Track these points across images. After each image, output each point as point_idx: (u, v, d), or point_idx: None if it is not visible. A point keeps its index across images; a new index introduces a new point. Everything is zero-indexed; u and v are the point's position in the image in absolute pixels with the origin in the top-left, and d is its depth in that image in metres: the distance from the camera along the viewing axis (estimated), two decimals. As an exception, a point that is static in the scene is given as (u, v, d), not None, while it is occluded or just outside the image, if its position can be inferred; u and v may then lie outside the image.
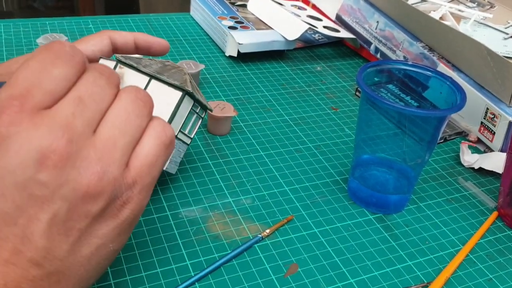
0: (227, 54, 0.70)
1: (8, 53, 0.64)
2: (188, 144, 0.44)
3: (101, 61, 0.41)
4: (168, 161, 0.41)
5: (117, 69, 0.40)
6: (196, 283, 0.37)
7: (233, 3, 0.79)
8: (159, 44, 0.46)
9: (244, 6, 0.79)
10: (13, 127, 0.24)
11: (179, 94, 0.39)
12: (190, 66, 0.60)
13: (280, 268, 0.39)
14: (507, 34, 0.71)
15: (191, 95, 0.40)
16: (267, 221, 0.43)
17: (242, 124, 0.56)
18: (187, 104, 0.40)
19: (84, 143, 0.25)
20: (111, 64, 0.40)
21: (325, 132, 0.56)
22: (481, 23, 0.73)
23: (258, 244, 0.41)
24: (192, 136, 0.44)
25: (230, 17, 0.74)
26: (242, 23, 0.72)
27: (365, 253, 0.41)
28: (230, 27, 0.70)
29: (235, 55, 0.68)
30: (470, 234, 0.44)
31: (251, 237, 0.41)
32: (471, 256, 0.42)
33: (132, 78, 0.39)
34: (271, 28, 0.72)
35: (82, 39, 0.43)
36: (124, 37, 0.44)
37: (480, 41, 0.56)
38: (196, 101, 0.41)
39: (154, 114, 0.38)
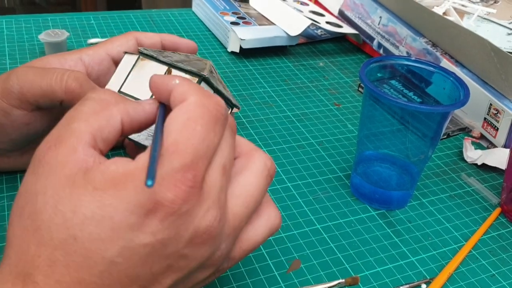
0: (229, 50, 0.69)
1: (10, 49, 0.64)
2: None
3: (126, 55, 0.41)
4: None
5: (139, 61, 0.39)
6: (199, 279, 0.37)
7: (235, -1, 0.79)
8: (187, 45, 0.45)
9: (246, 1, 0.79)
10: (185, 206, 0.23)
11: (195, 80, 0.38)
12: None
13: (282, 264, 0.39)
14: (511, 29, 0.70)
15: (207, 81, 0.39)
16: (270, 217, 0.43)
17: (244, 120, 0.56)
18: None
19: (224, 219, 0.26)
20: (134, 57, 0.40)
21: (328, 128, 0.56)
22: (484, 18, 0.73)
23: (260, 240, 0.41)
24: None
25: (232, 13, 0.74)
26: (244, 18, 0.72)
27: (368, 249, 0.41)
28: (232, 23, 0.70)
29: (237, 50, 0.68)
30: (473, 230, 0.44)
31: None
32: (474, 252, 0.42)
33: (152, 69, 0.39)
34: (273, 23, 0.72)
35: (108, 40, 0.43)
36: (151, 38, 0.44)
37: (484, 36, 0.55)
38: (216, 91, 0.40)
39: None
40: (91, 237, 0.23)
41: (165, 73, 0.38)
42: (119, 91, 0.40)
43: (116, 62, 0.43)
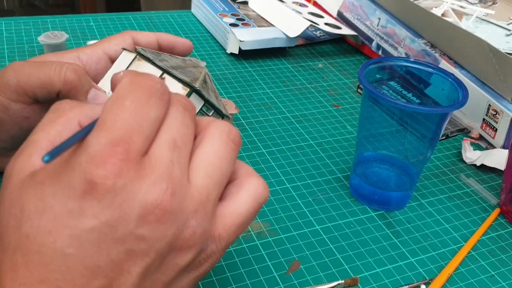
0: (228, 52, 0.70)
1: (9, 51, 0.64)
2: None
3: (124, 52, 0.41)
4: None
5: (135, 61, 0.39)
6: (199, 282, 0.37)
7: (234, 0, 0.79)
8: (183, 44, 0.45)
9: (245, 3, 0.79)
10: (119, 179, 0.22)
11: (186, 90, 0.38)
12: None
13: (282, 265, 0.39)
14: (509, 30, 0.70)
15: (199, 93, 0.39)
16: (269, 218, 0.43)
17: (243, 121, 0.56)
18: (195, 103, 0.40)
19: (183, 194, 0.24)
20: (132, 55, 0.40)
21: (327, 129, 0.56)
22: (483, 19, 0.73)
23: (260, 242, 0.41)
24: None
25: (231, 14, 0.74)
26: (244, 20, 0.72)
27: (367, 250, 0.41)
28: (232, 24, 0.70)
29: (237, 52, 0.68)
30: (472, 231, 0.44)
31: (253, 234, 0.41)
32: (473, 253, 0.42)
33: (146, 70, 0.39)
34: (272, 25, 0.72)
35: (105, 39, 0.43)
36: (147, 37, 0.44)
37: (482, 37, 0.56)
38: (207, 102, 0.40)
39: None
40: (39, 231, 0.22)
41: (159, 77, 0.38)
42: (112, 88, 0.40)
43: (113, 61, 0.43)
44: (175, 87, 0.39)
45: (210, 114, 0.41)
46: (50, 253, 0.22)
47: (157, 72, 0.39)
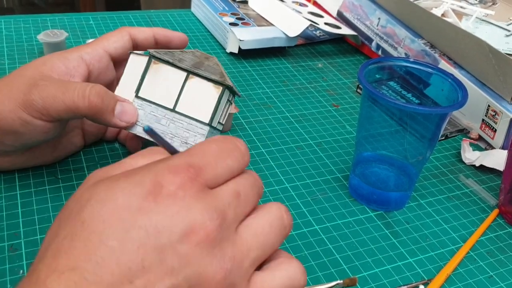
0: (228, 51, 0.70)
1: (9, 49, 0.63)
2: (220, 131, 0.44)
3: (132, 55, 0.41)
4: None
5: (152, 65, 0.40)
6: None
7: (234, 0, 0.79)
8: (179, 38, 0.46)
9: (245, 2, 0.79)
10: (182, 190, 0.24)
11: (219, 89, 0.39)
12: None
13: (280, 265, 0.39)
14: (509, 31, 0.70)
15: (230, 89, 0.40)
16: (268, 218, 0.43)
17: (243, 121, 0.56)
18: (226, 97, 0.41)
19: (228, 235, 0.25)
20: (144, 59, 0.40)
21: (326, 129, 0.56)
22: (483, 20, 0.73)
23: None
24: (224, 122, 0.44)
25: (231, 14, 0.74)
26: (243, 19, 0.72)
27: (366, 250, 0.41)
28: (231, 24, 0.70)
29: (236, 51, 0.68)
30: (471, 232, 0.44)
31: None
32: (471, 254, 0.42)
33: (169, 74, 0.39)
34: (272, 24, 0.72)
35: (103, 37, 0.44)
36: (144, 32, 0.45)
37: (482, 38, 0.56)
38: (231, 92, 0.42)
39: (195, 108, 0.38)
40: (94, 219, 0.23)
41: (185, 79, 0.39)
42: (136, 96, 0.40)
43: (113, 58, 0.44)
44: (205, 86, 0.39)
45: (230, 99, 0.43)
46: (95, 243, 0.23)
47: (181, 74, 0.39)
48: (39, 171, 0.44)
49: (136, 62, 0.41)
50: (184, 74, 0.39)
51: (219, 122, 0.42)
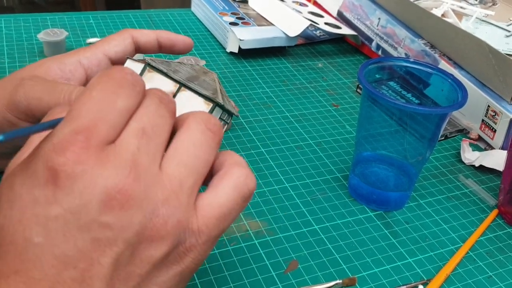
0: (228, 50, 0.70)
1: (8, 48, 0.63)
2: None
3: (128, 61, 0.40)
4: None
5: (146, 73, 0.39)
6: (197, 280, 0.37)
7: (234, -1, 0.79)
8: (183, 42, 0.45)
9: (245, 2, 0.79)
10: (79, 166, 0.22)
11: (209, 105, 0.38)
12: (191, 62, 0.60)
13: (280, 264, 0.39)
14: (509, 31, 0.71)
15: (221, 107, 0.39)
16: (267, 218, 0.43)
17: (243, 120, 0.56)
18: (217, 114, 0.39)
19: (151, 181, 0.24)
20: (139, 66, 0.39)
21: (326, 129, 0.56)
22: (483, 20, 0.73)
23: (258, 241, 0.41)
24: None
25: (231, 13, 0.74)
26: (243, 19, 0.72)
27: (365, 250, 0.41)
28: (231, 23, 0.70)
29: (236, 51, 0.68)
30: (470, 232, 0.44)
31: (252, 233, 0.41)
32: (471, 254, 0.42)
33: (160, 84, 0.39)
34: (272, 24, 0.72)
35: (104, 40, 0.43)
36: (147, 35, 0.43)
37: (482, 38, 0.56)
38: (225, 111, 0.40)
39: None
40: (11, 221, 0.23)
41: (176, 91, 0.38)
42: None
43: (113, 62, 0.43)
44: (195, 101, 0.38)
45: (224, 118, 0.42)
46: (21, 243, 0.22)
47: (173, 86, 0.38)
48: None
49: (131, 68, 0.40)
50: (176, 85, 0.38)
51: None
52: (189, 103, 0.38)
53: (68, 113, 0.24)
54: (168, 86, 0.38)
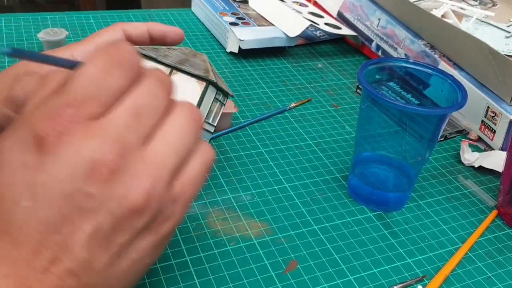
0: (228, 50, 0.70)
1: (9, 48, 0.63)
2: (212, 132, 0.43)
3: None
4: None
5: None
6: (196, 280, 0.37)
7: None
8: (174, 32, 0.45)
9: (246, 2, 0.79)
10: (65, 136, 0.23)
11: (202, 84, 0.39)
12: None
13: (279, 264, 0.39)
14: (509, 32, 0.71)
15: (214, 85, 0.39)
16: (267, 218, 0.43)
17: (242, 120, 0.56)
18: (211, 93, 0.40)
19: (135, 156, 0.25)
20: None
21: (326, 129, 0.56)
22: (483, 21, 0.73)
23: (257, 241, 0.41)
24: (215, 124, 0.43)
25: (232, 13, 0.74)
26: (244, 19, 0.72)
27: (364, 251, 0.41)
28: (232, 23, 0.70)
29: (236, 51, 0.68)
30: (470, 232, 0.44)
31: (251, 233, 0.41)
32: (470, 254, 0.42)
33: None
34: (272, 24, 0.72)
35: (96, 33, 0.43)
36: (138, 28, 0.44)
37: (482, 39, 0.56)
38: (219, 89, 0.41)
39: None
40: (1, 184, 0.24)
41: (168, 75, 0.38)
42: None
43: None
44: (189, 82, 0.39)
45: (219, 98, 0.42)
46: (9, 206, 0.23)
47: (165, 70, 0.39)
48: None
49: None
50: (168, 69, 0.39)
51: (206, 122, 0.41)
52: (182, 85, 0.39)
53: (64, 85, 0.25)
54: None
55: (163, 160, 0.26)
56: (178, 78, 0.38)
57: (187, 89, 0.39)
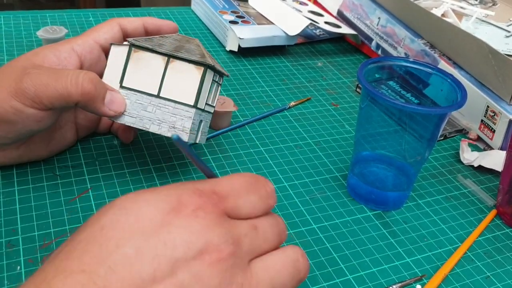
0: (227, 49, 0.69)
1: (8, 45, 0.63)
2: (212, 113, 0.44)
3: (113, 47, 0.41)
4: (200, 133, 0.42)
5: (132, 53, 0.40)
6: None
7: (234, -2, 0.79)
8: (168, 26, 0.46)
9: (245, 0, 0.79)
10: (202, 212, 0.25)
11: (200, 69, 0.39)
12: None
13: (278, 263, 0.39)
14: (509, 32, 0.71)
15: (212, 68, 0.40)
16: (266, 217, 0.43)
17: (242, 119, 0.56)
18: (209, 76, 0.41)
19: (239, 263, 0.26)
20: (124, 49, 0.40)
21: (325, 128, 0.56)
22: (483, 20, 0.73)
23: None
24: (214, 105, 0.44)
25: (231, 12, 0.74)
26: (243, 17, 0.72)
27: (363, 250, 0.41)
28: (231, 22, 0.70)
29: (236, 49, 0.68)
30: (469, 232, 0.44)
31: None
32: (469, 254, 0.42)
33: (150, 61, 0.39)
34: (272, 23, 0.72)
35: (93, 29, 0.44)
36: (133, 22, 0.45)
37: (482, 38, 0.56)
38: (216, 72, 0.42)
39: (179, 91, 0.39)
40: (115, 226, 0.24)
41: (166, 63, 0.39)
42: (121, 86, 0.40)
43: (104, 50, 0.44)
44: (187, 69, 0.39)
45: (216, 80, 0.43)
46: (112, 248, 0.23)
47: (162, 59, 0.39)
48: (37, 167, 0.44)
49: (117, 53, 0.41)
50: (165, 58, 0.39)
51: (207, 104, 0.42)
52: (181, 71, 0.39)
53: (217, 178, 0.29)
54: (157, 60, 0.39)
55: (257, 281, 0.27)
56: (176, 66, 0.39)
57: (186, 75, 0.39)
